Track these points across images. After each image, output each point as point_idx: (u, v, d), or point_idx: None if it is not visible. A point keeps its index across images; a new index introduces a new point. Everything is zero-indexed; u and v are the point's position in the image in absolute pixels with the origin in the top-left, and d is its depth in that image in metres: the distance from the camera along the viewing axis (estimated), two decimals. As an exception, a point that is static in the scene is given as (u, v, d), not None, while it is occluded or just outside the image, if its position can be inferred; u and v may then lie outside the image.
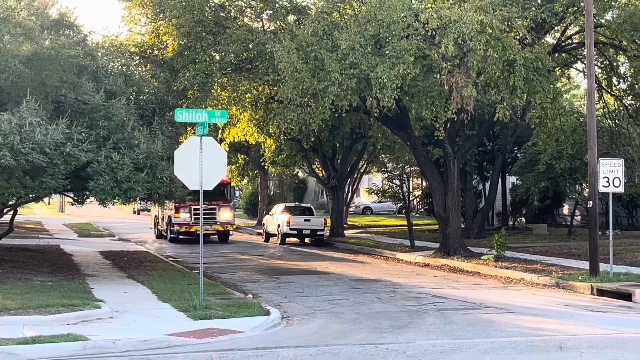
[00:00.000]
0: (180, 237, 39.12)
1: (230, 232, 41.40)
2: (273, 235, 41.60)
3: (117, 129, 21.51)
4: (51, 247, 32.63)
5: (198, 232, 36.11)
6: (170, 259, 30.47)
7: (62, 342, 12.87)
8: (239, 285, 22.37)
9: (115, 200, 21.82)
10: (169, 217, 39.63)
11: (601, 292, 20.29)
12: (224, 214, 39.76)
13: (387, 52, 23.97)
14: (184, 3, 28.00)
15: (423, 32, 24.25)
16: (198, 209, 35.24)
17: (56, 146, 19.54)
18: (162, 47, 30.13)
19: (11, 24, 20.45)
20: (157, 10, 28.89)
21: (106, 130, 21.32)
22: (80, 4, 63.58)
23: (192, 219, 38.18)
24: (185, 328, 14.64)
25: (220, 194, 39.44)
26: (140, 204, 65.81)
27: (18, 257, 25.79)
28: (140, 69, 28.71)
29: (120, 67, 25.89)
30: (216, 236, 41.06)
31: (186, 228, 38.59)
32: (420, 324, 15.51)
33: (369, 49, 24.29)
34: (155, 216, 44.27)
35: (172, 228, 39.22)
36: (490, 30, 23.28)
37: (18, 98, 20.19)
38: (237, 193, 46.99)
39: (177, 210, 38.33)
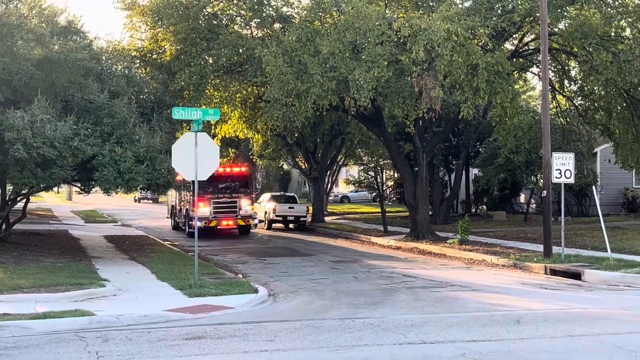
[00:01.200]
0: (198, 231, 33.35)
1: (252, 226, 35.19)
2: (261, 221, 41.48)
3: (120, 125, 21.45)
4: (60, 232, 32.49)
5: (218, 228, 33.20)
6: (168, 242, 30.40)
7: (71, 317, 12.84)
8: (230, 266, 22.35)
9: (118, 190, 21.85)
10: (187, 211, 33.76)
11: (554, 272, 20.39)
12: (246, 207, 33.81)
13: (363, 57, 23.94)
14: (180, 12, 27.88)
15: (396, 39, 24.26)
16: (219, 203, 33.02)
17: (65, 141, 19.50)
18: (161, 51, 29.99)
19: (24, 30, 20.35)
20: (156, 18, 28.74)
21: (110, 126, 21.28)
22: (86, 12, 63.48)
23: (212, 213, 32.66)
24: (182, 304, 14.62)
25: (242, 186, 34.48)
26: (141, 193, 66.03)
27: (30, 241, 25.67)
28: (140, 71, 28.57)
29: (122, 70, 25.78)
30: (237, 230, 35.05)
31: (205, 223, 31.98)
32: (393, 301, 15.55)
33: (347, 54, 24.26)
34: (172, 206, 38.79)
35: (190, 222, 32.74)
36: (456, 38, 23.30)
37: (30, 97, 20.12)
38: (259, 186, 39.34)
39: (195, 204, 34.26)
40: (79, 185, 24.71)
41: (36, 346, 10.88)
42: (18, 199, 24.49)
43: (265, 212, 40.22)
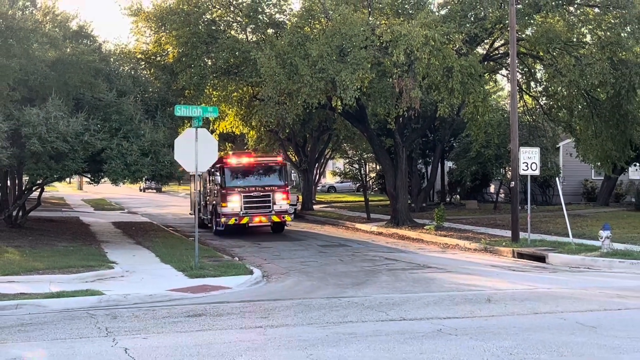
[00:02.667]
0: (227, 229, 27.13)
1: (287, 223, 28.75)
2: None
3: (127, 121, 21.41)
4: (72, 219, 32.38)
5: (249, 225, 27.36)
6: (170, 228, 30.30)
7: (82, 296, 12.82)
8: (228, 250, 22.32)
9: (125, 180, 21.84)
10: (214, 206, 28.36)
11: (521, 255, 20.43)
12: (280, 202, 27.50)
13: (349, 59, 23.89)
14: (181, 18, 27.77)
15: (378, 44, 24.22)
16: (250, 197, 27.30)
17: (76, 135, 19.46)
18: (164, 54, 29.86)
19: (39, 34, 20.26)
20: (160, 24, 28.63)
21: (117, 122, 21.23)
22: (95, 17, 63.22)
23: (243, 209, 26.83)
24: (184, 285, 14.60)
25: (275, 178, 28.08)
26: (146, 183, 65.82)
27: (45, 227, 25.58)
28: (145, 72, 28.47)
29: (129, 71, 25.71)
30: (270, 227, 28.88)
31: (235, 220, 26.76)
32: (375, 282, 15.55)
33: (335, 57, 24.20)
34: (197, 201, 30.60)
35: (218, 219, 27.60)
36: (433, 43, 23.28)
37: (45, 96, 20.07)
38: (294, 177, 33.31)
39: (224, 199, 26.96)
40: (89, 176, 24.63)
41: (50, 323, 10.85)
42: (33, 189, 24.41)
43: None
